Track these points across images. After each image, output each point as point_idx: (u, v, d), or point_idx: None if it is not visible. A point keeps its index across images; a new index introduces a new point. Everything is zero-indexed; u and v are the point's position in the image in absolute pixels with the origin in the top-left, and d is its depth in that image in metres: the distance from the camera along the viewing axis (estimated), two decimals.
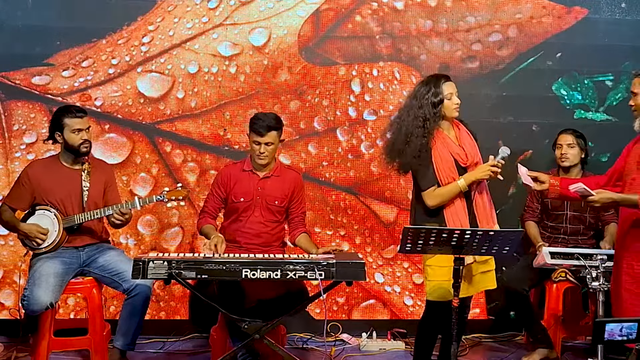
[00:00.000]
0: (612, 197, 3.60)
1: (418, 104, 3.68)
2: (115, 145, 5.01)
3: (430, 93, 3.67)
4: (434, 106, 3.66)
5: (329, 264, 3.52)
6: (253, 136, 4.16)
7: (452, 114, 3.72)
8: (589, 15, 5.22)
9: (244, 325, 3.70)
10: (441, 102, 3.67)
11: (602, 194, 3.60)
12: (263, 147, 4.14)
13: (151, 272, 3.53)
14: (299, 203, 4.31)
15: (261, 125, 4.12)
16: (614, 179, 3.78)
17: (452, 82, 3.73)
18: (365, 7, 5.13)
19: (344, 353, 4.74)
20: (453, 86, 3.72)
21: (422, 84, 3.75)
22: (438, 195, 3.64)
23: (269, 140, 4.14)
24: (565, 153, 4.65)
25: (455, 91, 3.72)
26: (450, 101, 3.69)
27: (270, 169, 4.26)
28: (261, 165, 4.21)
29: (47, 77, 4.97)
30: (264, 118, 4.17)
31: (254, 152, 4.18)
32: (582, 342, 4.80)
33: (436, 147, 3.67)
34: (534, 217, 4.79)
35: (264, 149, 4.14)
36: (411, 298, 5.15)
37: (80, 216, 4.16)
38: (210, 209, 4.29)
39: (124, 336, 4.16)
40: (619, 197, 3.61)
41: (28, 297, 3.95)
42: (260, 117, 4.19)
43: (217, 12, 5.06)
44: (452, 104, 3.70)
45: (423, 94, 3.69)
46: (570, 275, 4.50)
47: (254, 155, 4.18)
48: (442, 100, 3.67)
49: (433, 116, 3.65)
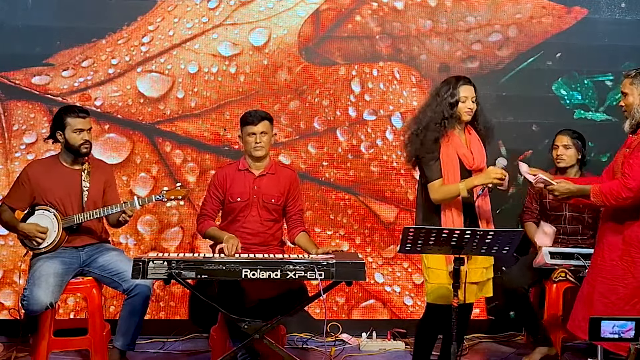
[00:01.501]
0: (569, 188, 3.70)
1: (436, 102, 3.74)
2: (115, 145, 5.01)
3: (448, 93, 3.72)
4: (451, 107, 3.71)
5: (329, 264, 3.52)
6: (247, 129, 4.16)
7: (464, 117, 3.75)
8: (588, 15, 5.22)
9: (243, 325, 3.69)
10: (456, 104, 3.71)
11: (562, 184, 3.71)
12: (258, 136, 4.14)
13: (151, 272, 3.53)
14: (295, 200, 4.31)
15: (254, 115, 4.17)
16: (609, 178, 3.81)
17: (470, 86, 3.76)
18: (365, 7, 5.13)
19: (344, 353, 4.74)
20: (470, 90, 3.75)
21: (443, 83, 3.81)
22: (441, 191, 3.67)
23: (263, 130, 4.15)
24: (561, 154, 4.65)
25: (472, 95, 3.75)
26: (464, 104, 3.72)
27: (265, 166, 4.25)
28: (258, 157, 4.20)
29: (47, 77, 4.97)
30: (255, 111, 4.23)
31: (249, 145, 4.17)
32: (582, 342, 4.79)
33: (445, 145, 3.70)
34: (532, 217, 4.79)
35: (259, 138, 4.15)
36: (411, 298, 5.15)
37: (80, 216, 4.16)
38: (210, 211, 4.28)
39: (123, 336, 4.16)
40: (576, 188, 3.71)
41: (28, 297, 3.95)
42: (250, 112, 4.23)
43: (217, 12, 5.06)
44: (465, 107, 3.72)
45: (442, 93, 3.74)
46: (570, 275, 4.50)
47: (250, 148, 4.18)
48: (457, 102, 3.71)
49: (450, 116, 3.70)
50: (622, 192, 3.55)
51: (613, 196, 3.57)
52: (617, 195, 3.56)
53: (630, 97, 3.68)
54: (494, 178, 3.61)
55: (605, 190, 3.60)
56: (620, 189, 3.56)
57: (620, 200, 3.57)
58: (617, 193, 3.56)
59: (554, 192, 3.71)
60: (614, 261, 3.66)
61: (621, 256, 3.65)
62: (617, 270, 3.66)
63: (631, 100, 3.68)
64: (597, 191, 3.62)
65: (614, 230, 3.70)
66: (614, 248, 3.68)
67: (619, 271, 3.65)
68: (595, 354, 3.54)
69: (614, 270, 3.67)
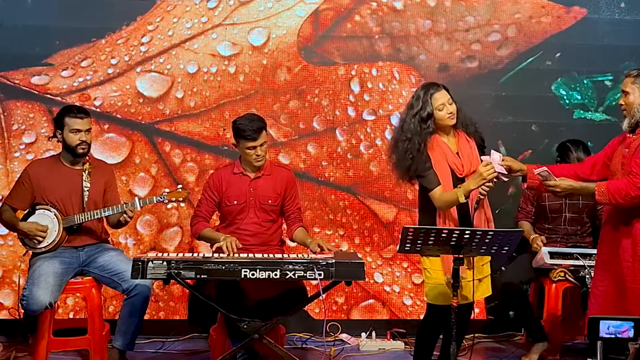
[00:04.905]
0: (572, 185, 3.67)
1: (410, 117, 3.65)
2: (114, 145, 5.01)
3: (420, 107, 3.63)
4: (424, 121, 3.62)
5: (328, 263, 3.53)
6: (246, 143, 4.09)
7: (448, 123, 3.67)
8: (588, 15, 5.22)
9: (243, 325, 3.70)
10: (430, 117, 3.62)
11: (565, 181, 3.67)
12: (259, 149, 4.12)
13: (150, 272, 3.54)
14: (293, 199, 4.29)
15: (252, 129, 4.07)
16: (596, 171, 3.79)
17: (443, 91, 3.66)
18: (365, 7, 5.13)
19: (343, 353, 4.74)
20: (443, 94, 3.65)
21: (414, 97, 3.71)
22: (442, 199, 3.62)
23: (263, 141, 4.13)
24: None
25: (447, 99, 3.65)
26: (442, 112, 3.64)
27: (261, 168, 4.25)
28: (258, 167, 4.20)
29: (46, 77, 4.97)
30: (250, 123, 4.10)
31: (249, 157, 4.13)
32: (582, 342, 4.80)
33: (434, 154, 3.65)
34: (527, 217, 4.78)
35: (260, 151, 4.12)
36: (410, 298, 5.15)
37: (80, 216, 4.16)
38: (204, 213, 4.26)
39: (123, 336, 4.16)
40: (580, 186, 3.68)
41: (27, 297, 3.95)
42: (245, 122, 4.12)
43: (217, 12, 5.06)
44: (445, 114, 3.64)
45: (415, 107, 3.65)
46: (569, 275, 4.50)
47: (250, 160, 4.14)
48: (430, 115, 3.62)
49: (422, 131, 3.61)
50: (631, 190, 3.52)
51: (621, 195, 3.54)
52: (625, 194, 3.53)
53: (631, 96, 3.67)
54: (486, 175, 3.52)
55: (613, 189, 3.56)
56: (630, 188, 3.52)
57: (629, 199, 3.53)
58: (625, 192, 3.53)
59: (556, 188, 3.66)
60: (628, 262, 3.62)
61: (633, 255, 3.61)
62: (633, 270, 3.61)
63: (632, 99, 3.67)
64: (603, 190, 3.58)
65: (623, 231, 3.65)
66: (625, 250, 3.63)
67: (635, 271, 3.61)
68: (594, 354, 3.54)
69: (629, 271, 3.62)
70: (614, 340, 3.12)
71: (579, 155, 4.57)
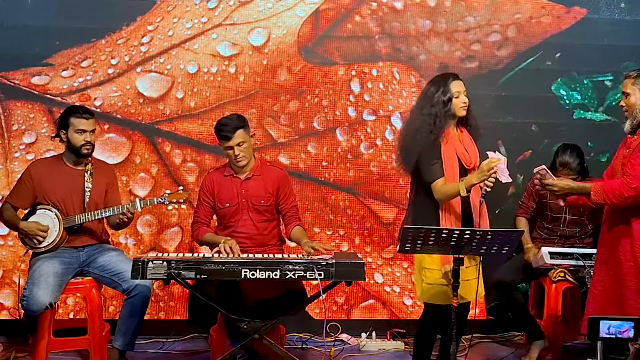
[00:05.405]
0: (570, 185, 3.71)
1: (429, 103, 3.69)
2: (114, 146, 5.01)
3: (440, 91, 3.69)
4: (444, 104, 3.68)
5: (329, 264, 3.53)
6: (223, 143, 4.12)
7: (459, 113, 3.73)
8: (588, 15, 5.22)
9: (243, 326, 3.70)
10: (450, 100, 3.68)
11: (563, 181, 3.74)
12: (236, 149, 4.11)
13: (150, 272, 3.54)
14: (287, 198, 4.27)
15: (226, 129, 4.09)
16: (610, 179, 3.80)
17: (460, 81, 3.75)
18: (365, 7, 5.13)
19: (344, 353, 4.74)
20: (461, 85, 3.74)
21: (431, 83, 3.77)
22: (443, 190, 3.64)
23: (240, 140, 4.10)
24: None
25: (463, 90, 3.73)
26: (458, 99, 3.70)
27: (250, 169, 4.22)
28: (241, 167, 4.19)
29: (46, 77, 4.97)
30: (227, 122, 4.13)
31: (229, 157, 4.15)
32: (582, 342, 4.80)
33: (444, 145, 3.69)
34: (526, 214, 4.78)
35: (238, 150, 4.11)
36: (410, 298, 5.15)
37: (81, 216, 4.17)
38: (203, 218, 4.25)
39: (123, 336, 4.16)
40: (577, 186, 3.73)
41: (27, 297, 3.95)
42: (222, 122, 4.14)
43: (217, 12, 5.06)
44: (459, 102, 3.71)
45: (433, 93, 3.70)
46: (569, 275, 4.50)
47: (232, 161, 4.16)
48: (450, 99, 3.68)
49: (444, 114, 3.67)
50: (624, 191, 3.54)
51: (615, 195, 3.56)
52: (619, 195, 3.55)
53: (632, 98, 3.67)
54: (488, 171, 3.51)
55: (607, 189, 3.59)
56: (623, 189, 3.54)
57: (622, 200, 3.55)
58: (619, 192, 3.55)
59: (554, 187, 3.69)
60: (630, 262, 3.62)
61: (632, 255, 3.61)
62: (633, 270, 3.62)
63: (633, 100, 3.67)
64: (598, 190, 3.61)
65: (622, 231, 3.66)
66: (625, 250, 3.64)
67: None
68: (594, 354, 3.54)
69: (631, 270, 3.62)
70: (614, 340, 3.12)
71: (563, 158, 4.54)
